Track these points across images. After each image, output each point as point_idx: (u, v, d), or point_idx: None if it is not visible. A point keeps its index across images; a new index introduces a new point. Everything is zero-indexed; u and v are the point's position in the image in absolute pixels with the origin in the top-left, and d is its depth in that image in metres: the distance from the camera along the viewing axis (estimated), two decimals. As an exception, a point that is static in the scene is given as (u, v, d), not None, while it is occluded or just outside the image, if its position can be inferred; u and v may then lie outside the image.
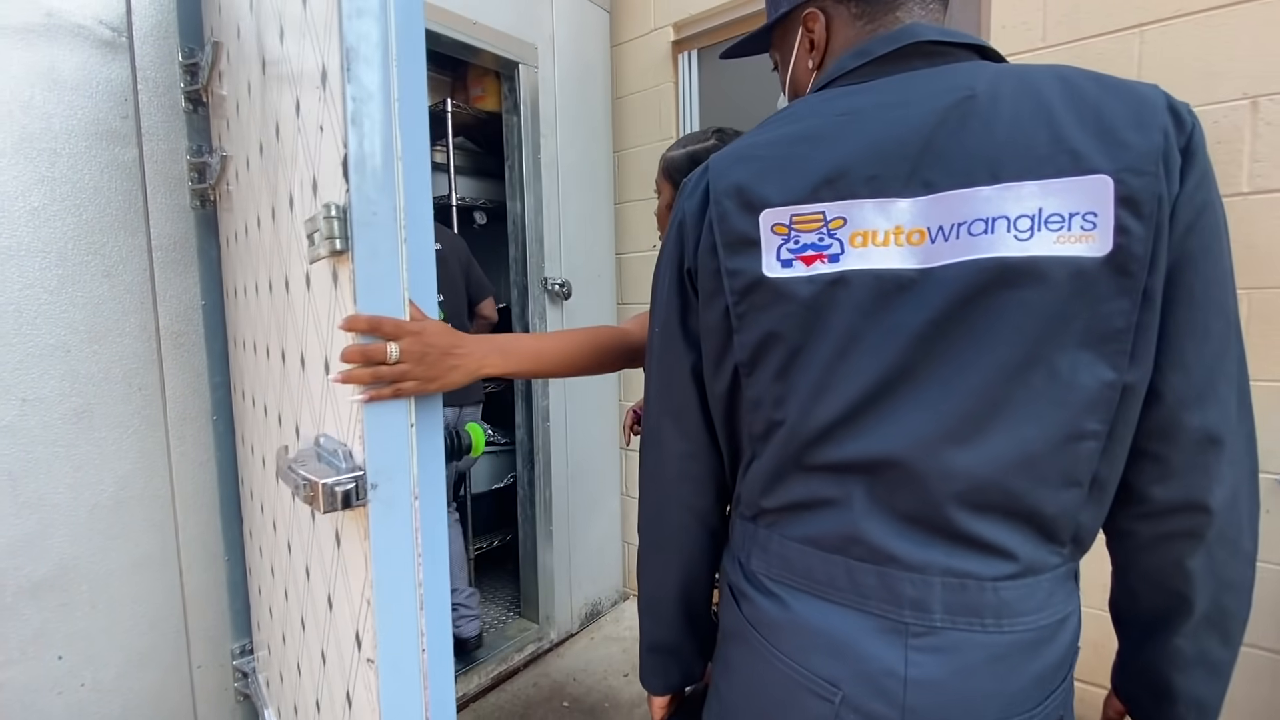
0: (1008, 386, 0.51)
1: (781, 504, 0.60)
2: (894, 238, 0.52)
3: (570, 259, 2.21)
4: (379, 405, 0.67)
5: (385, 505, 0.66)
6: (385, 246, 0.65)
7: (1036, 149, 0.49)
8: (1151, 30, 1.38)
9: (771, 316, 0.56)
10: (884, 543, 0.55)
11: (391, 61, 0.62)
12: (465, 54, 1.89)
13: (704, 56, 2.16)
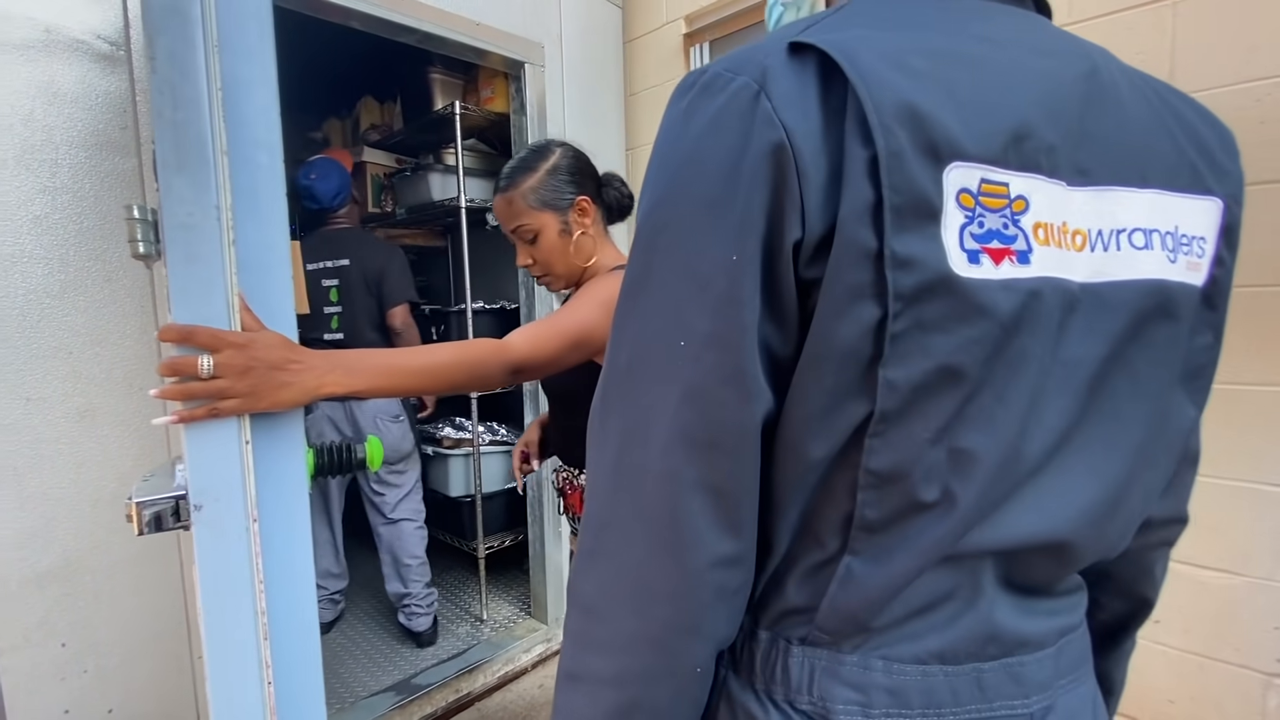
0: (1155, 437, 0.45)
1: (898, 615, 0.42)
2: (1062, 238, 0.39)
3: (580, 259, 2.19)
4: (203, 422, 0.61)
5: (212, 528, 0.60)
6: (205, 250, 0.58)
7: (1167, 155, 0.43)
8: (1185, 2, 1.25)
9: (952, 341, 0.37)
10: (1016, 628, 0.44)
11: (212, 47, 0.57)
12: (471, 56, 1.90)
13: (715, 49, 2.11)
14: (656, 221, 0.39)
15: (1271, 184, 1.20)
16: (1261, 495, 1.25)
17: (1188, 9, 1.25)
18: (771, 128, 0.36)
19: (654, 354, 0.39)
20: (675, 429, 0.38)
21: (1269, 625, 1.26)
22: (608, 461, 0.42)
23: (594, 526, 0.42)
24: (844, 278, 0.36)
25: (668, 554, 0.39)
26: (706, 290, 0.37)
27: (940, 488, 0.39)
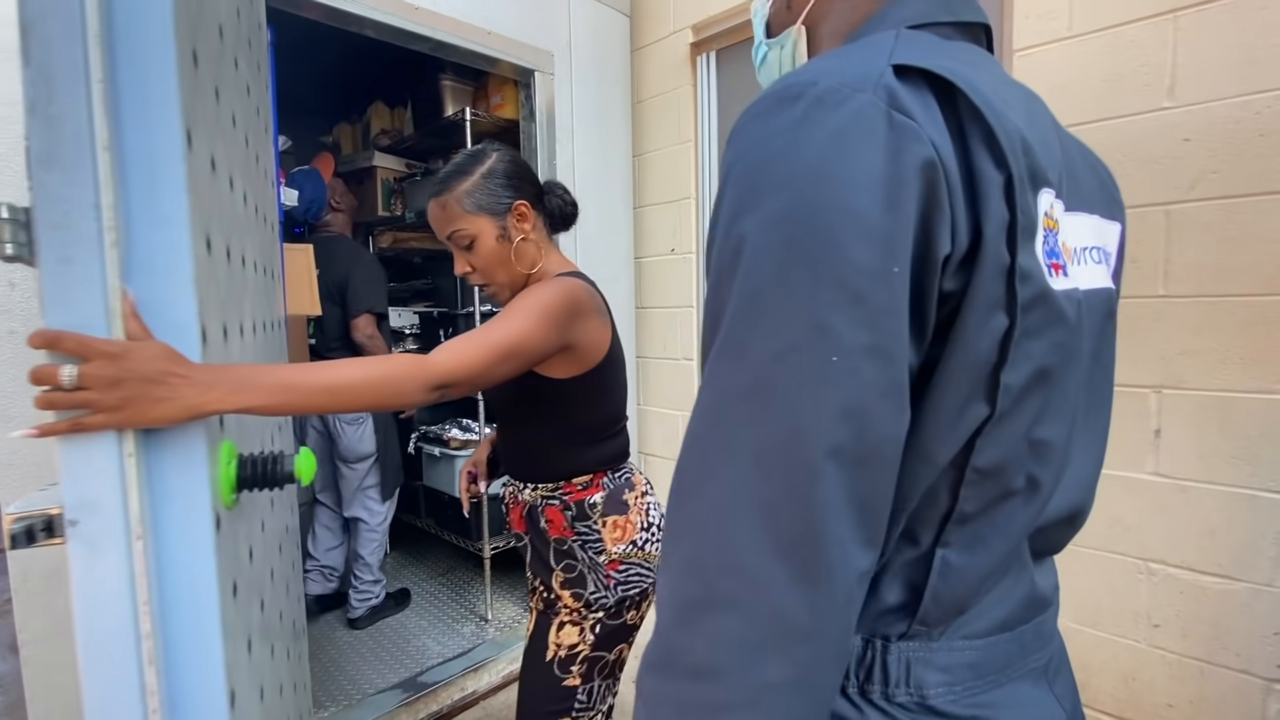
0: (1109, 414, 0.55)
1: (984, 603, 0.46)
2: (1070, 253, 0.46)
3: (587, 263, 2.21)
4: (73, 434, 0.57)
5: (88, 545, 0.56)
6: (82, 251, 0.55)
7: (1092, 183, 0.51)
8: (1186, 15, 1.28)
9: (1045, 345, 0.41)
10: (1043, 590, 0.50)
11: (93, 37, 0.53)
12: (482, 64, 1.93)
13: (722, 58, 2.14)
14: (782, 234, 0.37)
15: (1268, 196, 1.22)
16: (1260, 501, 1.26)
17: (1189, 23, 1.28)
18: (921, 144, 0.37)
19: (795, 372, 0.37)
20: (828, 448, 0.36)
21: (1269, 631, 1.27)
22: (720, 498, 0.38)
23: (703, 573, 0.38)
24: (985, 291, 0.38)
25: (812, 584, 0.37)
26: (862, 303, 0.36)
27: (1025, 475, 0.43)
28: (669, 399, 2.37)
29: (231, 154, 0.87)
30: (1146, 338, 1.36)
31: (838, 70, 0.39)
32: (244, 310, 0.91)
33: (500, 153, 1.07)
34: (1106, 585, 1.44)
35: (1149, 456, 1.38)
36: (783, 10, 0.57)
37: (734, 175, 0.40)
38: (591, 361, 1.04)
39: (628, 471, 1.15)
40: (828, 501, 0.36)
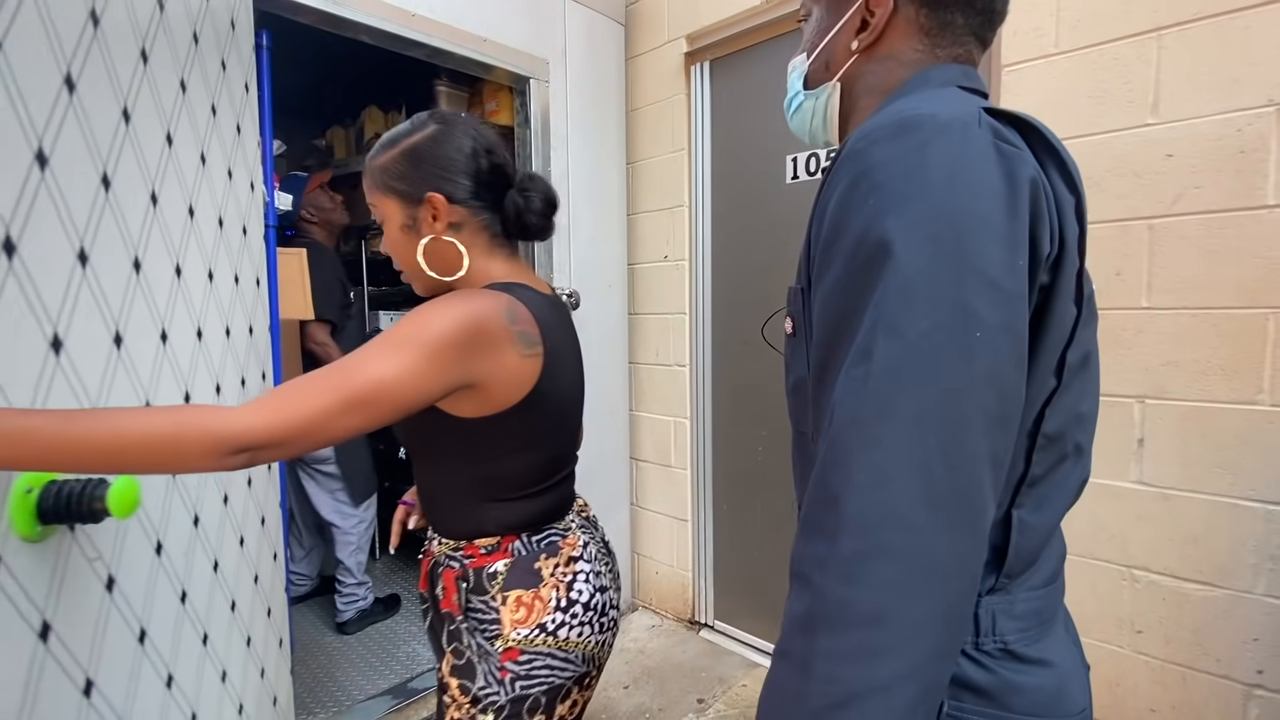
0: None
1: (1043, 557, 0.55)
2: None
3: (581, 270, 2.23)
4: None
5: None
6: None
7: None
8: (1170, 34, 1.31)
9: (1089, 331, 0.53)
10: (1066, 547, 0.60)
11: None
12: (478, 70, 1.94)
13: (716, 67, 2.16)
14: (927, 232, 0.44)
15: (1247, 211, 1.25)
16: (1240, 510, 1.29)
17: (1172, 42, 1.31)
18: (1028, 165, 0.47)
19: (946, 345, 0.43)
20: (978, 409, 0.43)
21: (1248, 637, 1.30)
22: (882, 459, 0.43)
23: (866, 528, 0.42)
24: (1066, 286, 0.49)
25: (964, 531, 0.43)
26: (998, 289, 0.44)
27: (1073, 442, 0.53)
28: (661, 404, 2.38)
29: (144, 165, 0.86)
30: (1130, 349, 1.39)
31: (941, 107, 0.48)
32: (164, 318, 0.91)
33: (438, 129, 0.87)
34: (1091, 591, 1.46)
35: (1133, 465, 1.40)
36: (821, 69, 0.67)
37: (862, 188, 0.47)
38: (503, 402, 0.81)
39: (554, 534, 0.91)
40: (977, 455, 0.43)
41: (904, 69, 0.61)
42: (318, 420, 0.66)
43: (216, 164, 1.11)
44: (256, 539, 1.24)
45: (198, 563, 1.00)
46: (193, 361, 1.00)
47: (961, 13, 0.59)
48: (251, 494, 1.22)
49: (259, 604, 1.24)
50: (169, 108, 0.95)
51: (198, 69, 1.04)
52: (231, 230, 1.17)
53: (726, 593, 2.31)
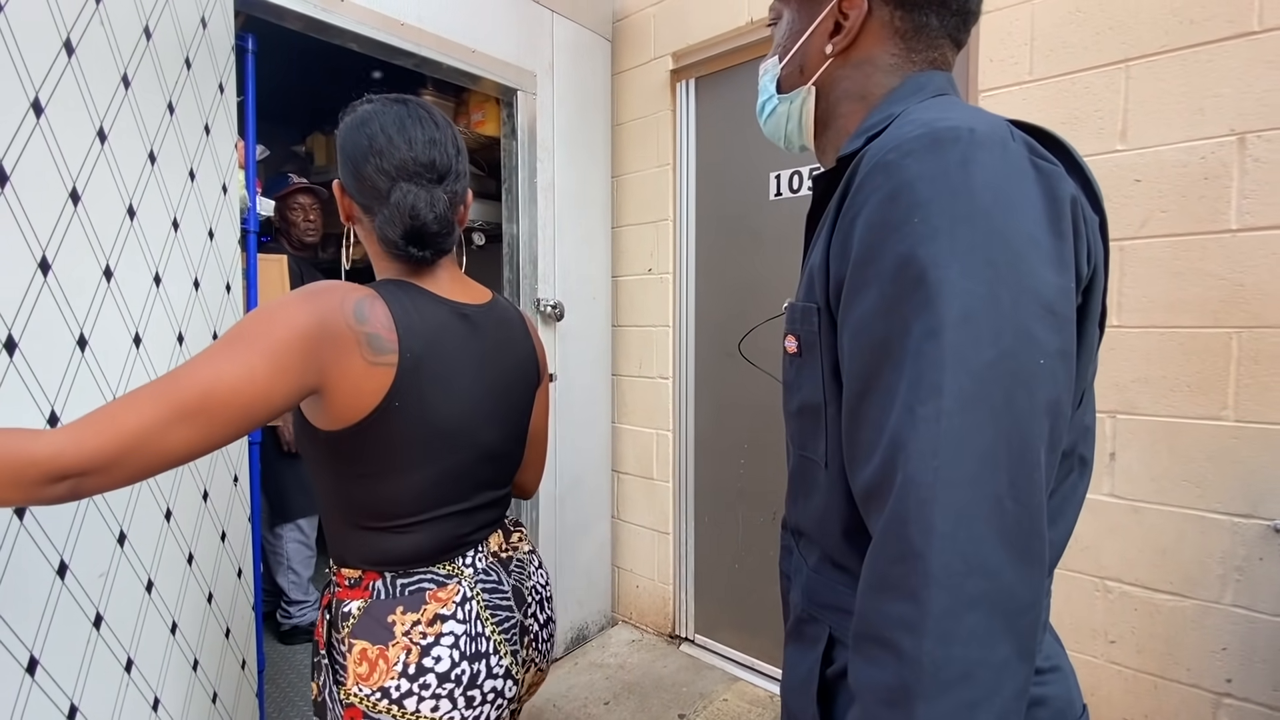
0: None
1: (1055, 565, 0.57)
2: None
3: (565, 281, 2.23)
4: None
5: None
6: None
7: None
8: (1138, 65, 1.37)
9: (1098, 351, 0.54)
10: None
11: None
12: (465, 81, 1.94)
13: (701, 85, 2.19)
14: (982, 258, 0.42)
15: (1211, 235, 1.30)
16: (1207, 522, 1.33)
17: (1140, 71, 1.37)
18: (1067, 183, 0.46)
19: (1012, 375, 0.42)
20: (1040, 438, 0.42)
21: (1217, 646, 1.33)
22: (959, 500, 0.41)
23: (952, 579, 0.40)
24: (1095, 307, 0.49)
25: (1034, 564, 0.41)
26: (1054, 313, 0.43)
27: (1079, 455, 0.54)
28: (644, 416, 2.38)
29: (60, 160, 0.84)
30: (1103, 365, 1.43)
31: (975, 120, 0.46)
32: (83, 323, 0.89)
33: (353, 117, 0.80)
34: (1065, 601, 1.49)
35: (1105, 478, 1.44)
36: (795, 73, 0.65)
37: (902, 205, 0.45)
38: (348, 414, 0.70)
39: (426, 581, 0.77)
40: (1040, 486, 0.42)
41: (882, 74, 0.60)
42: (142, 437, 0.56)
43: (173, 164, 1.08)
44: (213, 556, 1.20)
45: (123, 584, 0.95)
46: (126, 369, 0.97)
47: (936, 14, 0.58)
48: (208, 508, 1.18)
49: (213, 625, 1.20)
50: (103, 102, 0.93)
51: (149, 64, 1.02)
52: (192, 234, 1.14)
53: (708, 606, 2.31)
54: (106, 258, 0.94)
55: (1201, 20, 1.30)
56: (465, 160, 0.84)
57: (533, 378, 0.92)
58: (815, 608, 0.59)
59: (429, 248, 0.79)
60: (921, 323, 0.43)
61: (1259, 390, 1.28)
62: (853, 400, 0.48)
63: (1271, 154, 1.25)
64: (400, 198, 0.75)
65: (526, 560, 0.92)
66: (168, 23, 1.08)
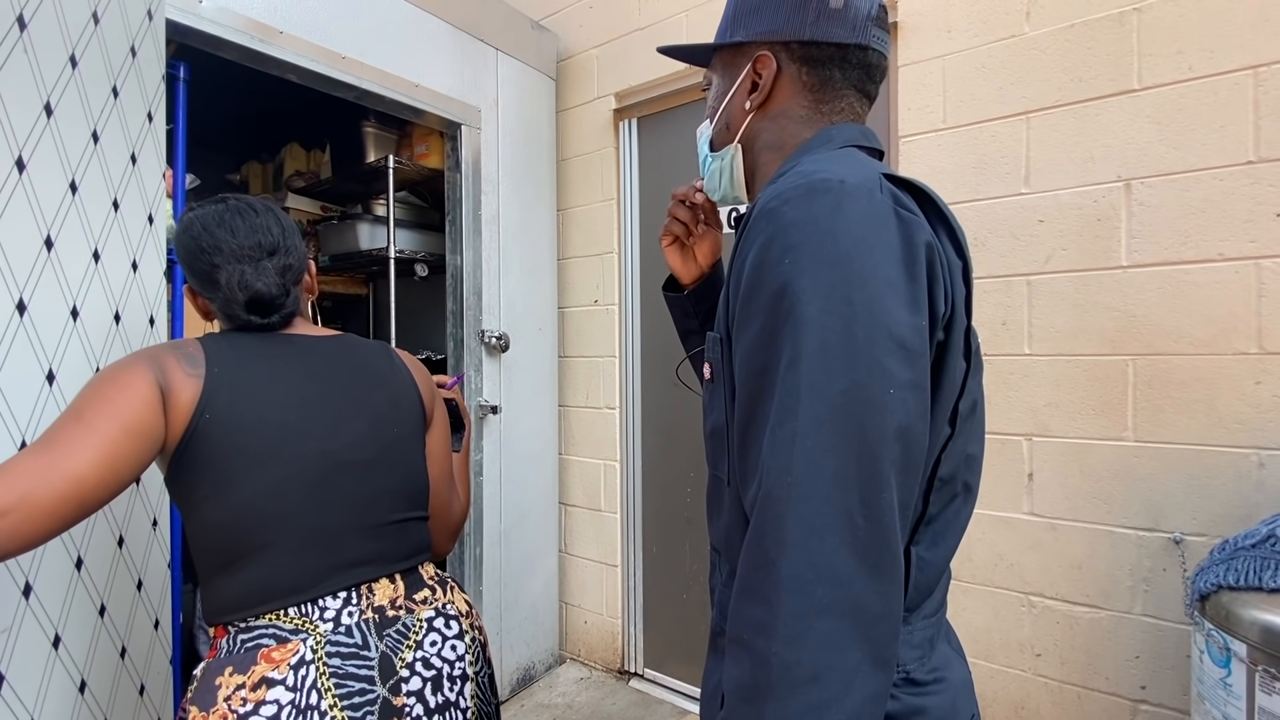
0: None
1: (937, 587, 0.60)
2: None
3: (511, 312, 2.23)
4: None
5: None
6: None
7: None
8: (1036, 117, 1.51)
9: (976, 382, 0.58)
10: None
11: None
12: (409, 114, 1.95)
13: (643, 124, 2.27)
14: (840, 297, 0.47)
15: (1106, 270, 1.43)
16: (1116, 537, 1.43)
17: (1038, 123, 1.50)
18: (925, 231, 0.51)
19: (864, 403, 0.46)
20: (891, 461, 0.47)
21: (1131, 655, 1.42)
22: (811, 514, 0.45)
23: (803, 587, 0.44)
24: (957, 342, 0.53)
25: (885, 577, 0.45)
26: (906, 348, 0.48)
27: (963, 482, 0.57)
28: (590, 447, 2.38)
29: None
30: (1017, 391, 1.54)
31: (848, 172, 0.52)
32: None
33: (177, 229, 0.85)
34: (994, 618, 1.56)
35: (1024, 498, 1.53)
36: (723, 130, 0.72)
37: (777, 247, 0.50)
38: (174, 433, 0.73)
39: (265, 635, 0.73)
40: (891, 506, 0.46)
41: (798, 125, 0.66)
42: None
43: (95, 194, 1.05)
44: (128, 607, 1.12)
45: (28, 639, 0.88)
46: (37, 411, 0.92)
47: (839, 68, 0.64)
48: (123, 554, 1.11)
49: (126, 681, 1.11)
50: (23, 131, 0.90)
51: (73, 92, 1.00)
52: (114, 265, 1.10)
53: (656, 639, 2.29)
54: (21, 291, 0.90)
55: (1089, 78, 1.45)
56: (295, 236, 0.90)
57: (406, 405, 0.90)
58: (726, 620, 0.62)
59: (272, 313, 0.85)
60: (787, 353, 0.48)
61: (1153, 412, 1.39)
62: (742, 424, 0.52)
63: (1153, 199, 1.39)
64: (228, 276, 0.81)
65: (420, 627, 0.82)
66: (95, 51, 1.05)
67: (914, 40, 1.65)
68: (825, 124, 0.65)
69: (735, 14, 0.68)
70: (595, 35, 2.31)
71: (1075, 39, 1.46)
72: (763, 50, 0.65)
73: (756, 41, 0.66)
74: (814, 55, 0.64)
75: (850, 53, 0.63)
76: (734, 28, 0.68)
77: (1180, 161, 1.36)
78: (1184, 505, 1.36)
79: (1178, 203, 1.36)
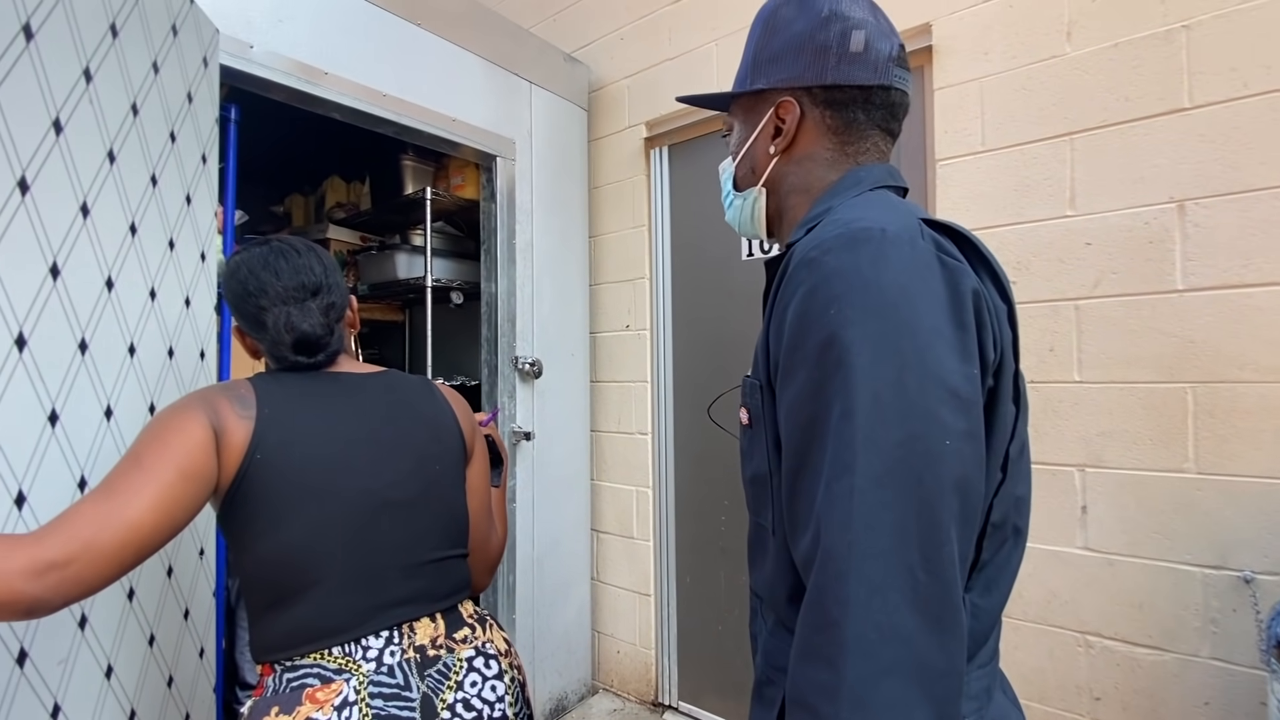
0: None
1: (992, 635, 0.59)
2: None
3: (544, 338, 2.24)
4: None
5: None
6: None
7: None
8: (1081, 138, 1.47)
9: (1024, 424, 0.57)
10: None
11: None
12: (446, 148, 2.00)
13: (674, 151, 2.28)
14: (890, 347, 0.46)
15: (1160, 295, 1.38)
16: (1179, 574, 1.36)
17: (1083, 144, 1.47)
18: (970, 277, 0.50)
19: (921, 455, 0.45)
20: (950, 513, 0.46)
21: (1200, 700, 1.33)
22: (875, 573, 0.43)
23: (869, 648, 0.43)
24: (1006, 388, 0.52)
25: (948, 631, 0.44)
26: (959, 397, 0.47)
27: (1013, 526, 0.56)
28: (622, 473, 2.37)
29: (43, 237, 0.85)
30: (1067, 420, 1.48)
31: (887, 220, 0.51)
32: (55, 398, 0.88)
33: (224, 274, 0.89)
34: (1049, 658, 1.49)
35: (1078, 531, 1.47)
36: (748, 173, 0.72)
37: (821, 297, 0.49)
38: (226, 474, 0.74)
39: (310, 674, 0.73)
40: (952, 559, 0.45)
41: (823, 168, 0.66)
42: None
43: (152, 235, 1.09)
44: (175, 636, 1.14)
45: (82, 670, 0.90)
46: (96, 443, 0.95)
47: (863, 110, 0.64)
48: (172, 584, 1.13)
49: (172, 711, 1.12)
50: (88, 177, 0.94)
51: (134, 139, 1.04)
52: (168, 302, 1.14)
53: (691, 672, 2.24)
54: (83, 331, 0.93)
55: (1135, 98, 1.41)
56: (336, 273, 0.93)
57: (448, 441, 0.90)
58: (772, 670, 0.61)
59: (318, 352, 0.86)
60: (839, 405, 0.47)
61: (1217, 442, 1.32)
62: (790, 475, 0.52)
63: (1210, 220, 1.33)
64: (275, 319, 0.84)
65: (460, 667, 0.82)
66: (155, 99, 1.10)
67: (950, 63, 1.64)
68: (851, 165, 0.65)
69: (755, 61, 0.68)
70: (626, 66, 2.35)
71: (1120, 58, 1.43)
72: (785, 96, 0.65)
73: (777, 88, 0.66)
74: (836, 99, 0.64)
75: (873, 94, 0.63)
76: (754, 75, 0.68)
77: (1238, 181, 1.31)
78: (1254, 542, 1.29)
79: (1237, 224, 1.31)
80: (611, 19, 2.38)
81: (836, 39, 0.62)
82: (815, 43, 0.63)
